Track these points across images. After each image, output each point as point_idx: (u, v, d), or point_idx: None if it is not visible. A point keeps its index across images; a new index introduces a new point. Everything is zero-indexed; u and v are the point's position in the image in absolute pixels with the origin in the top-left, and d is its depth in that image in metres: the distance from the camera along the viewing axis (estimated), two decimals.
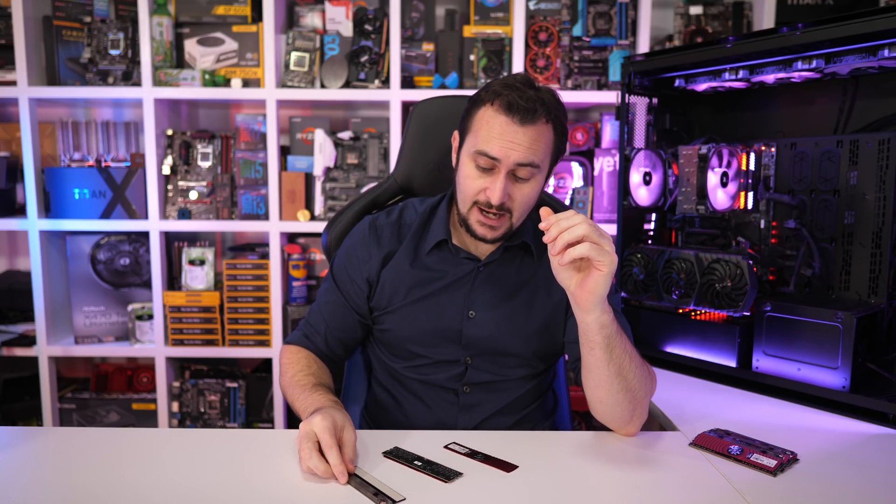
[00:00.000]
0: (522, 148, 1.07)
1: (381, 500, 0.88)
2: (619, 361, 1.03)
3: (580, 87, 2.21)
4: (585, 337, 1.03)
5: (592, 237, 0.94)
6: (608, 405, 1.08)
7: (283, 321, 2.25)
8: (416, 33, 2.30)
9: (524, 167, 1.09)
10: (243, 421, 2.35)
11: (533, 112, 1.06)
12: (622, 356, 1.03)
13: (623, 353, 1.04)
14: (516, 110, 1.06)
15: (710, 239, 1.63)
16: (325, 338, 1.24)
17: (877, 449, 1.12)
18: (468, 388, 1.21)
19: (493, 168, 1.10)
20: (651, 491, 0.95)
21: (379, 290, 1.22)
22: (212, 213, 2.29)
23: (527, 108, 1.06)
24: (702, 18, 2.28)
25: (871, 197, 1.35)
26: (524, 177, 1.10)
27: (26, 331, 2.35)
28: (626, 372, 1.04)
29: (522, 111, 1.06)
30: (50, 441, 1.09)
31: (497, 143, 1.07)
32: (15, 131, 2.33)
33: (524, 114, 1.06)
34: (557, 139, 1.13)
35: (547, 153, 1.11)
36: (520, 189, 1.11)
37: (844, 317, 1.27)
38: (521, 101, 1.06)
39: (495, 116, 1.08)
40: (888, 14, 1.20)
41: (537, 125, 1.08)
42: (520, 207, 1.13)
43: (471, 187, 1.12)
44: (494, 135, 1.08)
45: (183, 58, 2.26)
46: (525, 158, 1.08)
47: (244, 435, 1.15)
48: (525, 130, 1.07)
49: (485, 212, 1.12)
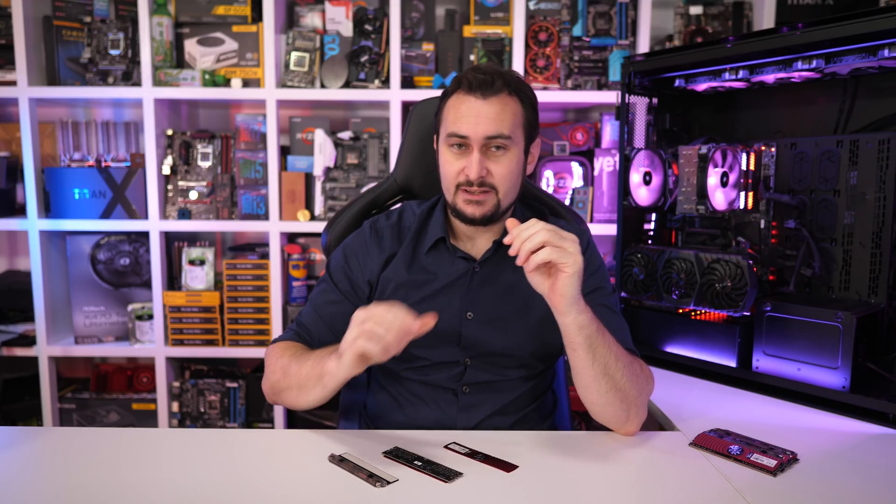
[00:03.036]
0: (488, 120, 1.11)
1: (376, 482, 0.92)
2: (604, 361, 1.04)
3: (580, 87, 2.21)
4: (567, 339, 1.04)
5: (553, 241, 0.97)
6: (600, 405, 1.08)
7: (283, 321, 2.25)
8: (416, 33, 2.30)
9: (494, 139, 1.12)
10: (243, 421, 2.35)
11: (491, 84, 1.11)
12: (606, 356, 1.04)
13: (607, 353, 1.04)
14: (476, 86, 1.12)
15: (710, 239, 1.63)
16: (318, 339, 1.20)
17: (877, 449, 1.12)
18: (467, 388, 1.21)
19: (466, 147, 1.13)
20: (651, 491, 0.95)
21: (379, 292, 1.22)
22: (212, 213, 2.29)
23: (484, 81, 1.11)
24: (702, 18, 2.28)
25: (871, 197, 1.35)
26: (498, 148, 1.13)
27: (26, 331, 2.35)
28: (613, 371, 1.05)
29: (481, 85, 1.11)
30: (50, 441, 1.09)
31: (463, 121, 1.12)
32: (15, 131, 2.33)
33: (484, 87, 1.11)
34: (527, 111, 1.16)
35: (516, 124, 1.14)
36: (497, 162, 1.14)
37: (844, 317, 1.27)
38: (479, 76, 1.12)
39: (459, 99, 1.14)
40: (888, 14, 1.20)
41: (500, 96, 1.12)
42: (502, 182, 1.15)
43: (450, 171, 1.16)
44: (461, 114, 1.13)
45: (183, 58, 2.26)
46: (493, 130, 1.11)
47: (244, 435, 1.15)
48: (488, 103, 1.11)
49: (468, 190, 1.14)
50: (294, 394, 1.10)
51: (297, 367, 1.09)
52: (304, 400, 1.09)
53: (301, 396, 1.09)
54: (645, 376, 1.13)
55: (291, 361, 1.11)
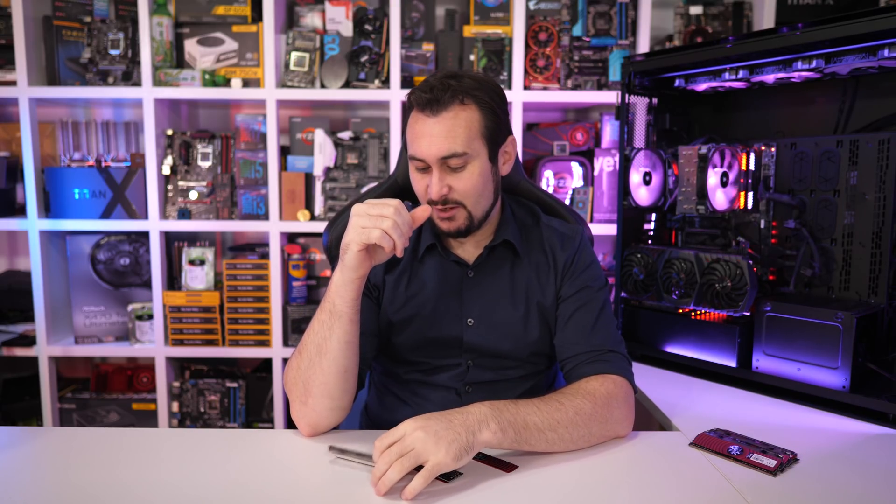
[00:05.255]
0: (441, 139, 1.07)
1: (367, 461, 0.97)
2: (548, 442, 1.02)
3: (580, 87, 2.21)
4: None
5: (405, 466, 0.90)
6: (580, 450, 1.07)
7: (283, 321, 2.25)
8: (416, 33, 2.29)
9: (449, 158, 1.08)
10: (243, 421, 2.35)
11: (437, 101, 1.07)
12: (541, 442, 1.01)
13: (540, 439, 1.01)
14: (425, 104, 1.08)
15: (710, 239, 1.63)
16: None
17: (877, 449, 1.12)
18: (470, 387, 1.21)
19: (427, 167, 1.11)
20: (651, 491, 0.95)
21: (385, 295, 1.22)
22: (212, 213, 2.29)
23: (431, 99, 1.07)
24: (702, 18, 2.28)
25: (871, 197, 1.35)
26: (456, 166, 1.09)
27: (26, 331, 2.35)
28: (564, 441, 1.03)
29: (429, 103, 1.07)
30: (50, 441, 1.09)
31: (418, 143, 1.09)
32: (15, 131, 2.33)
33: (432, 105, 1.07)
34: (485, 117, 1.10)
35: (472, 136, 1.09)
36: (459, 179, 1.10)
37: (844, 317, 1.27)
38: (426, 94, 1.07)
39: (414, 118, 1.11)
40: (888, 14, 1.20)
41: (451, 110, 1.07)
42: (467, 196, 1.11)
43: (418, 189, 1.15)
44: (416, 135, 1.10)
45: (183, 58, 2.26)
46: (446, 150, 1.07)
47: (244, 435, 1.15)
48: (438, 121, 1.07)
49: (438, 207, 1.13)
50: (318, 365, 1.04)
51: (307, 333, 1.06)
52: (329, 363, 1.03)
53: (325, 360, 1.03)
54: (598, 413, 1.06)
55: (302, 338, 1.08)
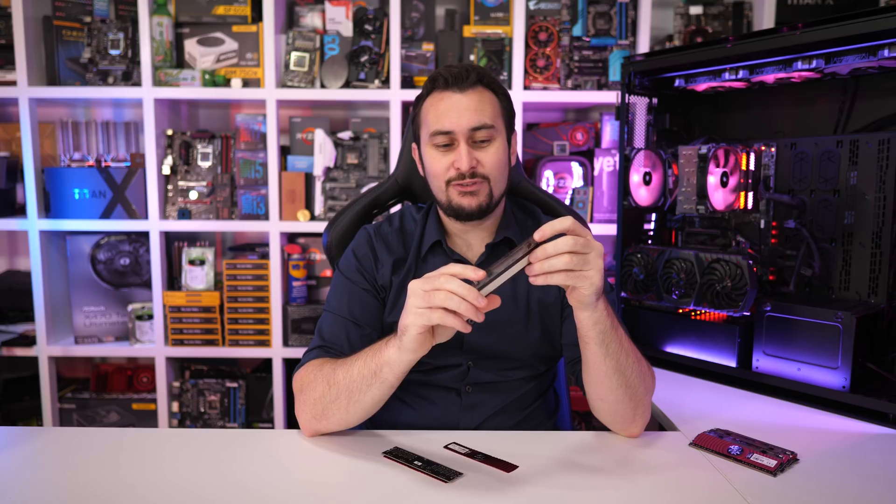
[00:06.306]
0: (470, 112, 1.12)
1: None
2: (616, 357, 1.03)
3: (580, 87, 2.21)
4: (581, 332, 1.02)
5: (573, 266, 0.90)
6: (609, 403, 1.07)
7: (283, 321, 2.25)
8: (416, 33, 2.29)
9: (478, 130, 1.13)
10: (243, 421, 2.35)
11: (466, 77, 1.13)
12: (618, 352, 1.03)
13: (619, 349, 1.03)
14: (452, 82, 1.13)
15: (710, 239, 1.63)
16: (350, 343, 1.16)
17: (877, 449, 1.12)
18: (470, 388, 1.21)
19: (452, 143, 1.14)
20: (651, 491, 0.95)
21: (390, 296, 1.22)
22: (212, 213, 2.29)
23: (458, 76, 1.13)
24: (702, 18, 2.28)
25: (871, 197, 1.35)
26: (483, 140, 1.13)
27: (26, 331, 2.35)
28: (624, 368, 1.04)
29: (457, 79, 1.13)
30: (50, 441, 1.09)
31: (446, 116, 1.13)
32: (15, 131, 2.33)
33: (459, 82, 1.13)
34: (503, 102, 1.18)
35: (496, 114, 1.15)
36: (485, 153, 1.14)
37: (844, 317, 1.27)
38: (452, 72, 1.14)
39: (437, 98, 1.15)
40: (888, 14, 1.20)
41: (476, 89, 1.14)
42: (493, 170, 1.15)
43: (439, 168, 1.16)
44: (441, 111, 1.13)
45: (183, 58, 2.26)
46: (477, 120, 1.12)
47: (244, 435, 1.15)
48: (466, 95, 1.13)
49: (461, 183, 1.14)
50: (344, 405, 1.03)
51: (344, 371, 1.03)
52: (356, 408, 1.03)
53: (353, 405, 1.03)
54: (651, 375, 1.12)
55: (336, 368, 1.05)
